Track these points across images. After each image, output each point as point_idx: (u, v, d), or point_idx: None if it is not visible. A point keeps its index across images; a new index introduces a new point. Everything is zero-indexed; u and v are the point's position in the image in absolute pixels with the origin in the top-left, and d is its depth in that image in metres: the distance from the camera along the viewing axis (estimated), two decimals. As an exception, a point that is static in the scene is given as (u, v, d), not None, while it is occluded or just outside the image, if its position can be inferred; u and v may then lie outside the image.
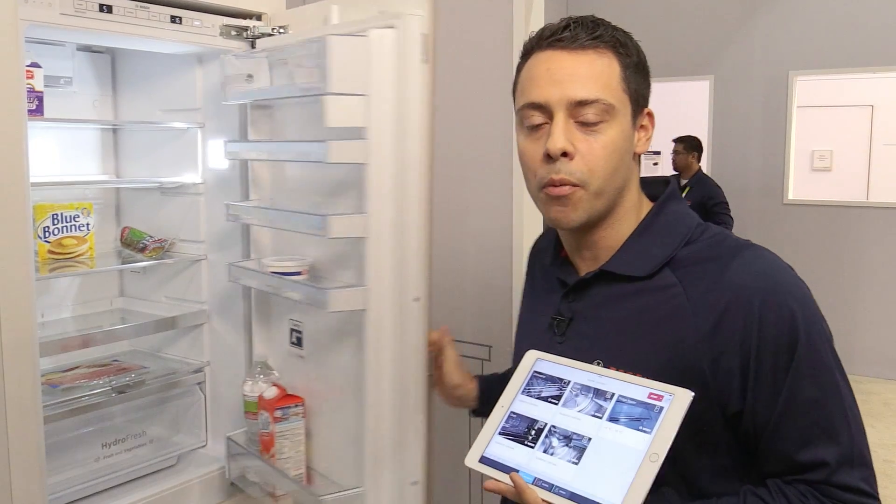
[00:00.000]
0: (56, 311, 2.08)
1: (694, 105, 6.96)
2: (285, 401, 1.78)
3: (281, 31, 1.80)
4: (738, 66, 6.35)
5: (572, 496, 0.97)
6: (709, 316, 1.03)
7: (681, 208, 1.16)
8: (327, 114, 1.46)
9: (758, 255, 1.07)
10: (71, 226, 1.94)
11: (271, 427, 1.76)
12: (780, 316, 1.02)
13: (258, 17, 1.83)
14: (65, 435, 1.89)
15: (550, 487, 0.99)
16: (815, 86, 6.66)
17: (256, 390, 1.81)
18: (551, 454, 1.01)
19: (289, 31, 1.79)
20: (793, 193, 6.28)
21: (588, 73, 1.07)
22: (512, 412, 1.08)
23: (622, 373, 1.06)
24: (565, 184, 1.07)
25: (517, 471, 1.01)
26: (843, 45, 5.96)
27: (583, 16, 1.11)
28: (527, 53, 1.14)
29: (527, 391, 1.09)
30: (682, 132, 5.93)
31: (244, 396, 1.84)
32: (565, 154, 1.05)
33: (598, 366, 1.09)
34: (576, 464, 0.99)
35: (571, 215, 1.09)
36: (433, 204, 1.48)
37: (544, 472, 1.00)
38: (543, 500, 0.97)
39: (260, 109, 1.87)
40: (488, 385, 1.44)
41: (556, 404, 1.06)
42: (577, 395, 1.05)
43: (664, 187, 1.19)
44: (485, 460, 1.06)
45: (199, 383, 2.09)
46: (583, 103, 1.06)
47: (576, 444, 1.01)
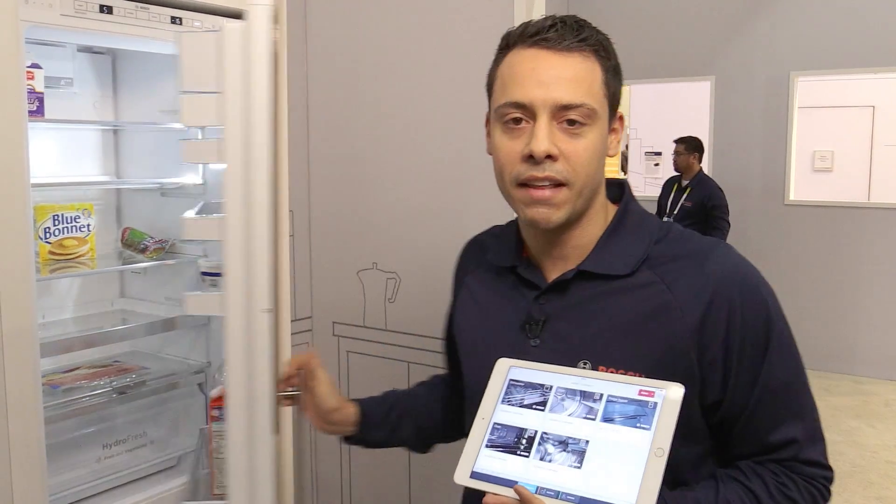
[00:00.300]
0: (57, 312, 2.09)
1: (695, 106, 6.96)
2: (221, 401, 1.75)
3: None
4: (740, 66, 6.35)
5: (582, 500, 0.94)
6: (696, 310, 1.07)
7: (642, 209, 1.20)
8: (182, 113, 1.41)
9: (727, 251, 1.13)
10: (72, 227, 1.94)
11: (209, 426, 1.75)
12: (756, 307, 1.09)
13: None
14: (66, 436, 1.90)
15: (557, 494, 0.96)
16: (816, 86, 6.66)
17: (217, 391, 1.80)
18: (549, 461, 0.99)
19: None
20: (794, 194, 6.28)
21: (573, 77, 1.06)
22: (496, 423, 1.04)
23: (604, 372, 1.06)
24: (550, 181, 1.06)
25: (516, 482, 0.97)
26: (845, 46, 5.96)
27: (566, 15, 1.11)
28: (507, 47, 1.12)
29: (507, 400, 1.06)
30: (683, 133, 5.93)
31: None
32: (549, 156, 1.05)
33: (583, 367, 1.08)
34: (578, 468, 0.97)
35: (554, 216, 1.08)
36: (280, 209, 1.37)
37: (546, 479, 0.97)
38: None
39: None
40: (369, 408, 1.35)
41: (542, 410, 1.03)
42: (563, 400, 1.03)
43: (619, 189, 1.21)
44: (477, 475, 1.01)
45: (200, 384, 2.09)
46: (568, 107, 1.06)
47: (573, 448, 0.99)
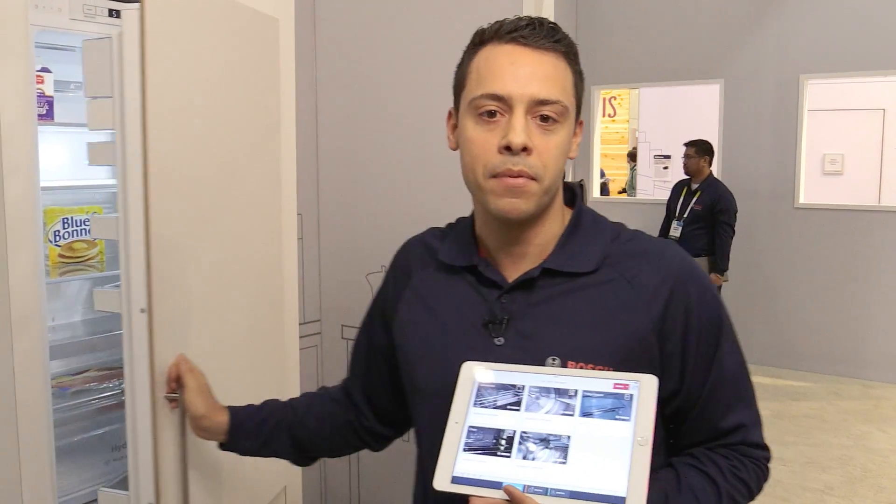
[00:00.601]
0: (66, 315, 2.09)
1: (704, 108, 6.96)
2: None
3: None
4: (749, 69, 6.34)
5: (573, 495, 0.95)
6: (657, 305, 1.12)
7: (593, 210, 1.24)
8: (87, 117, 1.47)
9: (679, 250, 1.19)
10: (81, 230, 1.95)
11: None
12: (708, 300, 1.16)
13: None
14: (74, 438, 1.90)
15: (545, 491, 0.96)
16: (826, 89, 6.65)
17: None
18: (533, 459, 0.99)
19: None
20: (804, 197, 6.25)
21: (549, 74, 1.10)
22: (471, 426, 1.04)
23: (577, 368, 1.08)
24: (523, 175, 1.08)
25: (501, 483, 0.97)
26: (855, 49, 5.93)
27: (541, 17, 1.14)
28: (481, 43, 1.15)
29: (479, 403, 1.05)
30: (692, 136, 5.92)
31: None
32: (524, 149, 1.08)
33: (552, 362, 1.10)
34: (563, 463, 0.97)
35: (523, 206, 1.10)
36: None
37: (532, 477, 0.97)
38: None
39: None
40: (240, 418, 1.35)
41: (517, 410, 1.03)
42: (538, 398, 1.04)
43: (571, 192, 1.24)
44: (458, 480, 1.00)
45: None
46: (543, 102, 1.08)
47: (556, 444, 0.99)
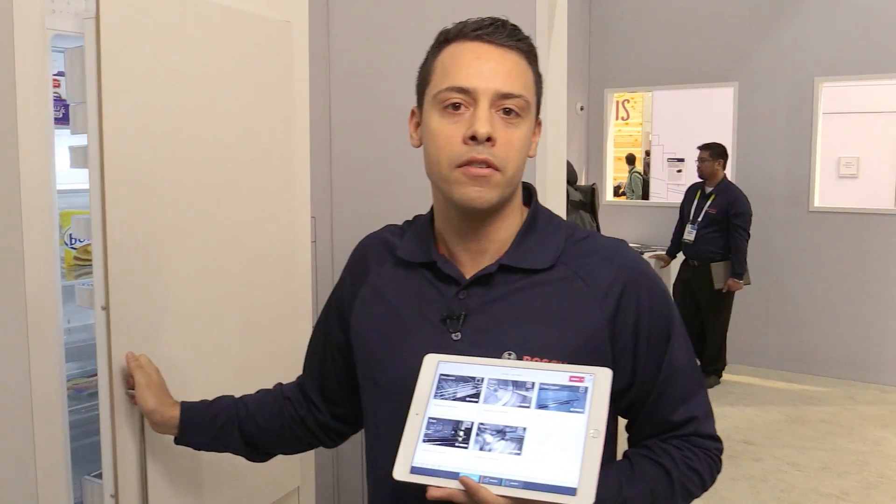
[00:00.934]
0: (82, 317, 2.10)
1: (718, 111, 6.93)
2: None
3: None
4: (764, 72, 6.30)
5: (526, 485, 0.97)
6: (610, 302, 1.15)
7: (548, 209, 1.27)
8: (71, 122, 1.50)
9: (629, 249, 1.23)
10: (96, 232, 1.96)
11: None
12: (658, 297, 1.19)
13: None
14: (90, 440, 1.91)
15: (500, 482, 0.98)
16: (841, 92, 6.61)
17: None
18: (489, 450, 1.01)
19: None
20: (819, 201, 6.21)
21: (512, 70, 1.14)
22: (431, 418, 1.06)
23: (533, 361, 1.10)
24: (488, 164, 1.11)
25: (457, 474, 1.00)
26: (870, 52, 5.89)
27: (503, 18, 1.17)
28: (445, 41, 1.18)
29: (439, 395, 1.08)
30: (706, 139, 5.89)
31: None
32: (489, 139, 1.10)
33: (508, 357, 1.12)
34: (518, 454, 1.00)
35: (487, 195, 1.12)
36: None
37: (488, 468, 1.00)
38: (499, 496, 0.97)
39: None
40: (193, 413, 1.39)
41: (476, 402, 1.06)
42: (496, 390, 1.06)
43: (527, 192, 1.27)
44: (417, 470, 1.02)
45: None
46: (507, 96, 1.12)
47: (512, 436, 1.02)
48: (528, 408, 1.03)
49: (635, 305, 1.16)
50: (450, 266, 1.21)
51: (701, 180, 5.85)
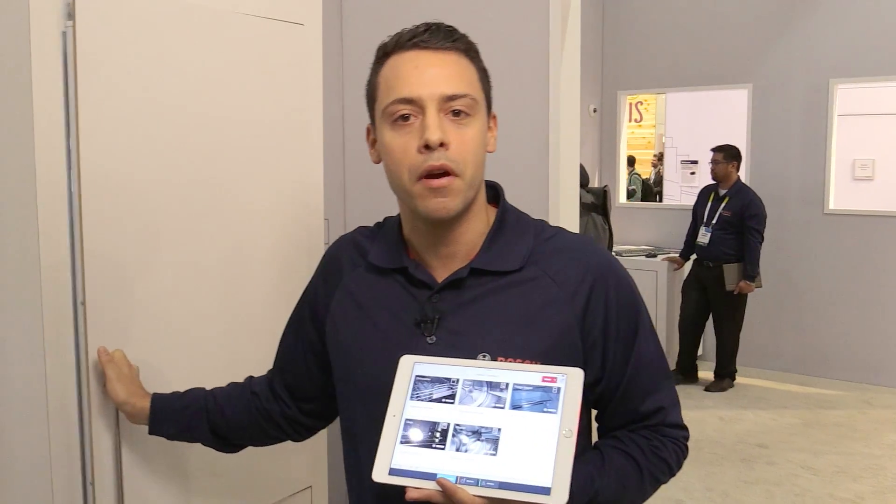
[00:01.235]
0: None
1: (732, 113, 6.89)
2: None
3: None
4: (778, 73, 6.28)
5: (501, 485, 0.99)
6: (580, 300, 1.17)
7: (516, 208, 1.28)
8: None
9: (597, 246, 1.25)
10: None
11: None
12: (626, 291, 1.21)
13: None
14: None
15: (476, 482, 1.00)
16: (856, 94, 6.55)
17: None
18: (465, 451, 1.03)
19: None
20: (834, 203, 6.18)
21: (453, 71, 1.15)
22: (408, 419, 1.07)
23: (508, 362, 1.11)
24: (445, 170, 1.11)
25: (434, 475, 1.01)
26: (885, 53, 5.86)
27: (437, 22, 1.18)
28: (385, 55, 1.19)
29: (416, 396, 1.08)
30: (720, 141, 5.87)
31: None
32: (442, 144, 1.11)
33: (483, 359, 1.13)
34: (494, 455, 1.02)
35: (451, 205, 1.13)
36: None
37: (464, 469, 1.01)
38: (476, 497, 0.99)
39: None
40: (163, 404, 1.42)
41: (452, 403, 1.07)
42: (471, 391, 1.07)
43: (494, 190, 1.28)
44: (395, 472, 1.04)
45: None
46: (453, 97, 1.13)
47: (487, 436, 1.03)
48: (502, 409, 1.05)
49: (604, 302, 1.18)
50: (421, 271, 1.22)
51: (714, 182, 5.83)
